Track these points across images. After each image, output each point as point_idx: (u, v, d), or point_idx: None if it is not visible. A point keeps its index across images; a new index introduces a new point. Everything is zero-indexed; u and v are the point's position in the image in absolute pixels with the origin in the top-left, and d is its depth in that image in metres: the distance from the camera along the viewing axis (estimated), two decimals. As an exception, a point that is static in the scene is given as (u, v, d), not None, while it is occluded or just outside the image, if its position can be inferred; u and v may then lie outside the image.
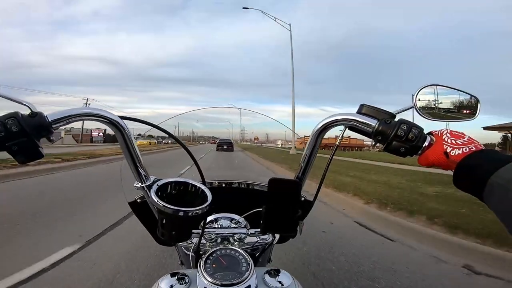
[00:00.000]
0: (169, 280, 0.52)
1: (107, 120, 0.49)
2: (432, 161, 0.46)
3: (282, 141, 61.64)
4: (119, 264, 2.11)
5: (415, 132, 0.46)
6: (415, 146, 0.46)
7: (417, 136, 0.46)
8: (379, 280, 2.01)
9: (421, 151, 0.47)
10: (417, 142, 0.46)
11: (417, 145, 0.46)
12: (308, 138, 0.57)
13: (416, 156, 0.48)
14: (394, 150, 0.47)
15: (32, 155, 0.44)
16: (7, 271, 1.91)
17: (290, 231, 0.58)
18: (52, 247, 2.33)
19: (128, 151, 0.53)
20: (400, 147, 0.47)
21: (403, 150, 0.47)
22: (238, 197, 0.80)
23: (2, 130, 0.41)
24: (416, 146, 0.46)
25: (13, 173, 5.93)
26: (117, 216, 3.18)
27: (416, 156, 0.48)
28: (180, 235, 0.53)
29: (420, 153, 0.47)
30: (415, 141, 0.46)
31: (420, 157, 0.47)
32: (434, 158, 0.45)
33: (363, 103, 0.51)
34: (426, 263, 2.37)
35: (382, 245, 2.78)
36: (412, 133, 0.46)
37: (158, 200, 0.48)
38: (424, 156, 0.47)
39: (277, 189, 0.54)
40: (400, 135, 0.46)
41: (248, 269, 0.52)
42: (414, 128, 0.46)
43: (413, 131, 0.46)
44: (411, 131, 0.46)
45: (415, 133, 0.46)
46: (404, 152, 0.47)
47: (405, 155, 0.47)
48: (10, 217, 3.11)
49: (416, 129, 0.46)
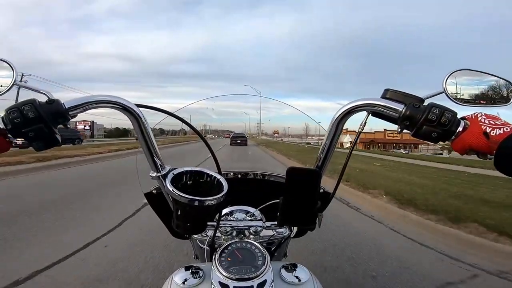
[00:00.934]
0: (183, 273, 0.51)
1: (123, 107, 0.48)
2: (469, 144, 0.43)
3: (314, 137, 49.47)
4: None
5: (448, 116, 0.43)
6: (448, 130, 0.44)
7: (451, 120, 0.43)
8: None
9: (455, 136, 0.44)
10: (451, 127, 0.44)
11: (451, 129, 0.44)
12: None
13: (448, 142, 0.45)
14: (424, 135, 0.45)
15: (49, 142, 0.44)
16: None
17: (309, 224, 0.56)
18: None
19: (144, 140, 0.52)
20: (432, 132, 0.44)
21: (435, 135, 0.44)
22: (253, 189, 0.78)
23: (19, 116, 0.41)
24: (450, 130, 0.44)
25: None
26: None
27: (448, 142, 0.45)
28: (195, 226, 0.52)
29: (453, 138, 0.45)
30: (449, 125, 0.43)
31: (455, 142, 0.44)
32: (472, 141, 0.43)
33: (387, 88, 0.49)
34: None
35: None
36: (445, 117, 0.43)
37: (173, 189, 0.48)
38: (460, 140, 0.44)
39: (296, 179, 0.52)
40: (431, 119, 0.44)
41: (264, 263, 0.50)
42: (447, 112, 0.44)
43: (446, 115, 0.43)
44: (443, 115, 0.43)
45: (448, 117, 0.43)
46: (436, 137, 0.44)
47: (437, 140, 0.45)
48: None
49: (449, 113, 0.44)
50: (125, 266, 2.04)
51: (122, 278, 1.88)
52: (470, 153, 0.45)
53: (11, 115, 0.41)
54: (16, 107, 0.42)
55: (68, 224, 2.92)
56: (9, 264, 2.03)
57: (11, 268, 1.96)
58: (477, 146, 0.43)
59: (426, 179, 6.26)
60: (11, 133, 0.42)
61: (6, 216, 3.06)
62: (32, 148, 0.44)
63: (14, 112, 0.41)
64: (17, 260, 2.09)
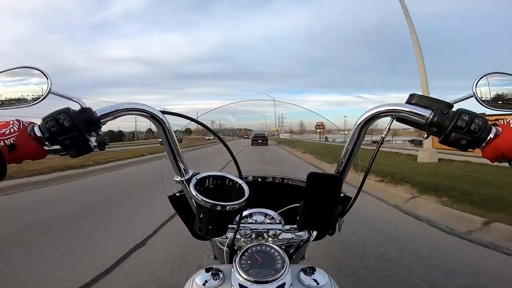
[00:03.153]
0: (204, 275, 0.52)
1: (150, 114, 0.50)
2: (502, 151, 0.41)
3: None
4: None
5: (479, 123, 0.42)
6: (479, 138, 0.42)
7: (481, 127, 0.42)
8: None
9: (485, 143, 0.43)
10: (481, 134, 0.42)
11: (481, 136, 0.42)
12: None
13: (478, 149, 0.44)
14: (453, 143, 0.43)
15: (83, 149, 0.46)
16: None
17: (329, 228, 0.55)
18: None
19: (168, 145, 0.54)
20: (461, 139, 0.43)
21: (464, 143, 0.43)
22: (272, 192, 0.79)
23: (55, 125, 0.43)
24: (480, 138, 0.42)
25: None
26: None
27: (478, 149, 0.44)
28: (217, 229, 0.53)
29: (484, 146, 0.43)
30: (479, 132, 0.42)
31: (486, 149, 0.43)
32: (505, 148, 0.41)
33: (413, 93, 0.48)
34: None
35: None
36: (475, 124, 0.42)
37: (196, 194, 0.49)
38: (492, 147, 0.42)
39: (316, 184, 0.52)
40: (460, 126, 0.42)
41: (284, 267, 0.50)
42: (477, 118, 0.42)
43: (476, 122, 0.42)
44: (473, 122, 0.42)
45: (478, 124, 0.42)
46: (465, 144, 0.43)
47: (466, 148, 0.43)
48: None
49: (479, 119, 0.42)
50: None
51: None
52: (502, 161, 0.43)
53: (48, 123, 0.44)
54: (52, 116, 0.44)
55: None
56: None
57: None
58: (509, 154, 0.41)
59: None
60: (48, 141, 0.44)
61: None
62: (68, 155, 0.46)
63: (51, 121, 0.43)
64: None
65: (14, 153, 0.43)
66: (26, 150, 0.44)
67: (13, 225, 3.03)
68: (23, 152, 0.44)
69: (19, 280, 1.93)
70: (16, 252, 2.34)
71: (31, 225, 3.04)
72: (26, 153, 0.44)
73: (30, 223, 3.10)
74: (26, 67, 0.50)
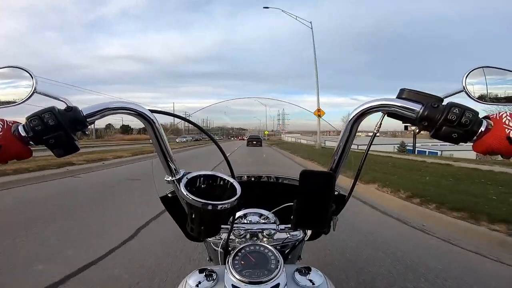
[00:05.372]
0: (197, 276, 0.51)
1: (138, 113, 0.49)
2: (492, 146, 0.41)
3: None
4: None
5: (469, 116, 0.42)
6: (469, 131, 0.42)
7: (472, 120, 0.42)
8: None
9: (477, 137, 0.43)
10: (472, 127, 0.42)
11: (472, 129, 0.42)
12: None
13: (470, 142, 0.44)
14: (444, 136, 0.43)
15: (69, 149, 0.45)
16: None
17: (323, 227, 0.55)
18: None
19: (158, 145, 0.53)
20: (452, 132, 0.43)
21: (455, 136, 0.43)
22: (267, 192, 0.78)
23: (40, 124, 0.42)
24: (471, 131, 0.42)
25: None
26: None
27: (470, 142, 0.44)
28: (209, 230, 0.52)
29: (475, 139, 0.43)
30: (470, 125, 0.42)
31: (476, 143, 0.43)
32: (495, 144, 0.41)
33: (403, 88, 0.47)
34: None
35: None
36: (466, 117, 0.42)
37: (187, 193, 0.48)
38: (482, 142, 0.42)
39: (310, 182, 0.52)
40: (451, 120, 0.42)
41: (278, 267, 0.50)
42: (467, 111, 0.42)
43: (467, 115, 0.42)
44: (464, 115, 0.42)
45: (469, 117, 0.42)
46: (456, 138, 0.43)
47: (458, 141, 0.43)
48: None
49: (470, 112, 0.42)
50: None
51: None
52: (493, 154, 0.43)
53: (32, 123, 0.43)
54: (36, 115, 0.43)
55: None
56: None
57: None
58: (499, 150, 0.41)
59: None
60: (33, 140, 0.43)
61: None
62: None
63: (35, 120, 0.42)
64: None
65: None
66: (10, 150, 0.43)
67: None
68: (7, 152, 0.43)
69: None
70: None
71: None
72: (10, 153, 0.43)
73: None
74: (11, 67, 0.49)
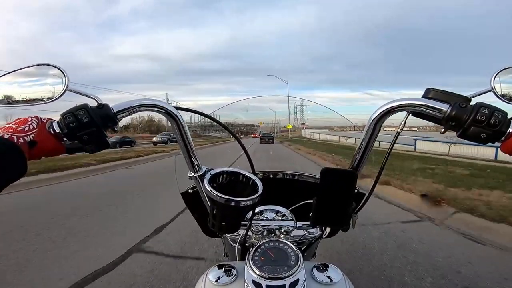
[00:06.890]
0: (217, 272, 0.52)
1: (164, 110, 0.50)
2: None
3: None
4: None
5: (499, 116, 0.42)
6: (498, 131, 0.42)
7: (501, 121, 0.42)
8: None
9: (505, 137, 0.42)
10: (501, 128, 0.42)
11: (501, 130, 0.42)
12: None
13: (497, 143, 0.43)
14: (472, 137, 0.43)
15: (101, 145, 0.46)
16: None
17: (343, 225, 0.55)
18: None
19: (182, 141, 0.54)
20: (481, 133, 0.42)
21: (484, 136, 0.43)
22: (283, 189, 0.79)
23: (74, 121, 0.44)
24: (500, 131, 0.42)
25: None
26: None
27: (497, 143, 0.43)
28: (230, 225, 0.53)
29: (503, 140, 0.43)
30: (499, 126, 0.42)
31: (504, 144, 0.43)
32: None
33: (429, 87, 0.47)
34: None
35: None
36: (495, 118, 0.42)
37: (211, 189, 0.49)
38: (510, 143, 0.42)
39: (330, 180, 0.52)
40: (480, 120, 0.42)
41: (297, 263, 0.50)
42: (497, 112, 0.42)
43: (496, 115, 0.42)
44: (493, 116, 0.42)
45: (498, 117, 0.42)
46: (485, 138, 0.43)
47: (486, 141, 0.43)
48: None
49: (499, 113, 0.42)
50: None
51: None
52: None
53: (67, 119, 0.44)
54: (70, 112, 0.44)
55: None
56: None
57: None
58: None
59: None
60: (67, 136, 0.45)
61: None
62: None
63: (70, 117, 0.44)
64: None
65: (34, 150, 0.43)
66: (45, 146, 0.44)
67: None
68: (42, 148, 0.44)
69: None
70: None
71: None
72: (45, 149, 0.45)
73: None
74: (43, 65, 0.50)
